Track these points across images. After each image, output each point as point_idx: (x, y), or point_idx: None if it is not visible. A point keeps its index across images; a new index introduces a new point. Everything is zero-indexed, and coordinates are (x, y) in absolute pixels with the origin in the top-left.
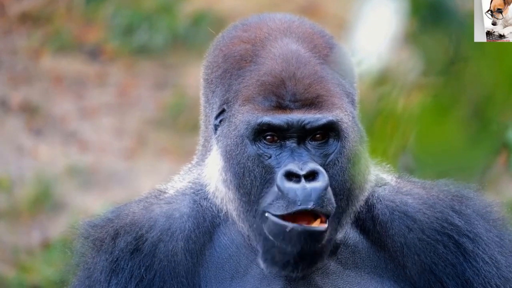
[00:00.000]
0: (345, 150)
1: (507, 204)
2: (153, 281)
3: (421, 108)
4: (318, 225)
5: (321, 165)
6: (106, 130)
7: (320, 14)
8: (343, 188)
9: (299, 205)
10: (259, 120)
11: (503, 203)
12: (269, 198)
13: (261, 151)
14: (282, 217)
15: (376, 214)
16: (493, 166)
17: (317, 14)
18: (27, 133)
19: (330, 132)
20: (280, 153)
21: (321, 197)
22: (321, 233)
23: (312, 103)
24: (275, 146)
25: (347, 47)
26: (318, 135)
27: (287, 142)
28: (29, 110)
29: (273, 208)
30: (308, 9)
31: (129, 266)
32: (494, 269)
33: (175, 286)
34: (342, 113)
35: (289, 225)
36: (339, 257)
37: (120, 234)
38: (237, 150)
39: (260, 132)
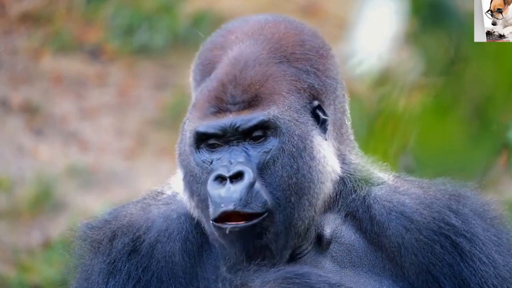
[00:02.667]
0: (285, 145)
1: (507, 204)
2: (150, 282)
3: (421, 108)
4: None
5: (262, 163)
6: (106, 130)
7: (321, 14)
8: (289, 183)
9: (222, 207)
10: (196, 129)
11: (502, 202)
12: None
13: (204, 158)
14: (216, 220)
15: (373, 214)
16: (493, 167)
17: (318, 14)
18: (28, 133)
19: (267, 130)
20: (220, 157)
21: (242, 197)
22: (253, 227)
23: (249, 104)
24: (218, 150)
25: (342, 44)
26: (256, 134)
27: (229, 146)
28: (30, 110)
29: (211, 214)
30: (308, 9)
31: (126, 267)
32: (491, 268)
33: (173, 287)
34: (280, 109)
35: (223, 226)
36: (333, 254)
37: (118, 235)
38: (187, 159)
39: (202, 140)
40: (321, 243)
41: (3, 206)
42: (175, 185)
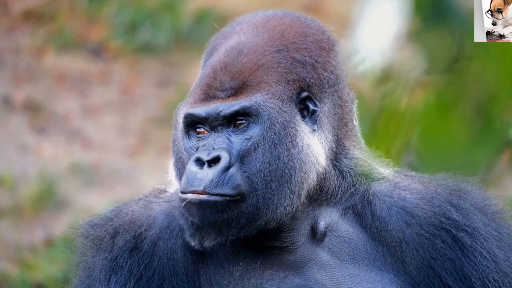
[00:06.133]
0: (266, 133)
1: (510, 201)
2: (152, 279)
3: (424, 106)
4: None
5: (243, 150)
6: (109, 128)
7: (323, 12)
8: (270, 170)
9: (194, 187)
10: (186, 113)
11: (504, 198)
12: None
13: (192, 144)
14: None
15: (373, 209)
16: (496, 164)
17: (320, 11)
18: (31, 131)
19: (249, 117)
20: (205, 144)
21: (213, 180)
22: (216, 203)
23: (237, 91)
24: (205, 137)
25: (345, 41)
26: (240, 122)
27: (214, 132)
28: (33, 108)
29: (181, 185)
30: (311, 6)
31: (128, 264)
32: (492, 263)
33: (175, 284)
34: (264, 97)
35: (187, 196)
36: (330, 247)
37: (119, 232)
38: (178, 145)
39: (190, 125)
40: (315, 236)
41: (6, 204)
42: (169, 174)
